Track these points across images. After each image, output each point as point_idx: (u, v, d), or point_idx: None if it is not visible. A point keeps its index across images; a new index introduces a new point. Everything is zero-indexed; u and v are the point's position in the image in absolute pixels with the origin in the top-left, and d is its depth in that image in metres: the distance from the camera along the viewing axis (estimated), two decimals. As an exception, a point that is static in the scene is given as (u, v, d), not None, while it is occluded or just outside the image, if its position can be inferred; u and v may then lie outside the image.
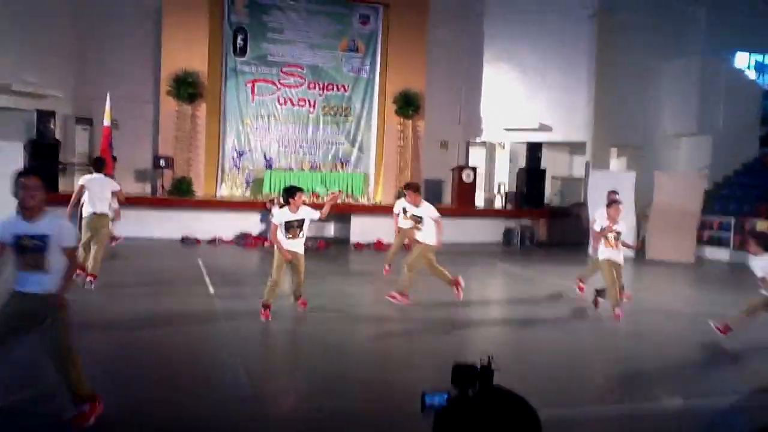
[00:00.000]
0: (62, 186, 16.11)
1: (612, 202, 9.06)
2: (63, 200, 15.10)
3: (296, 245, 7.70)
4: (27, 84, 15.84)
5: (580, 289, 9.79)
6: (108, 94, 15.66)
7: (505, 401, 1.42)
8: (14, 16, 15.48)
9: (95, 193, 9.49)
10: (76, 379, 4.25)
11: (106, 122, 15.71)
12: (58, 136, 16.09)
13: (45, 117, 15.59)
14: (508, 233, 17.60)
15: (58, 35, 16.69)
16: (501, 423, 1.35)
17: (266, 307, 7.48)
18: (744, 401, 5.37)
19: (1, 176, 11.87)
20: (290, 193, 7.77)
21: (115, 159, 16.06)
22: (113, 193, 9.83)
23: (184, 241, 15.01)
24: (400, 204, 10.91)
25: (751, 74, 21.90)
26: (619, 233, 8.63)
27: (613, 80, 18.26)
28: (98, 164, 10.35)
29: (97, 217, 9.32)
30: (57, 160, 15.68)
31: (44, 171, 14.77)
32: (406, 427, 4.50)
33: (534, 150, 18.22)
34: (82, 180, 9.90)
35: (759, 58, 22.37)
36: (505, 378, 2.10)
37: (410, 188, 8.97)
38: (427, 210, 8.61)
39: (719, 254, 15.81)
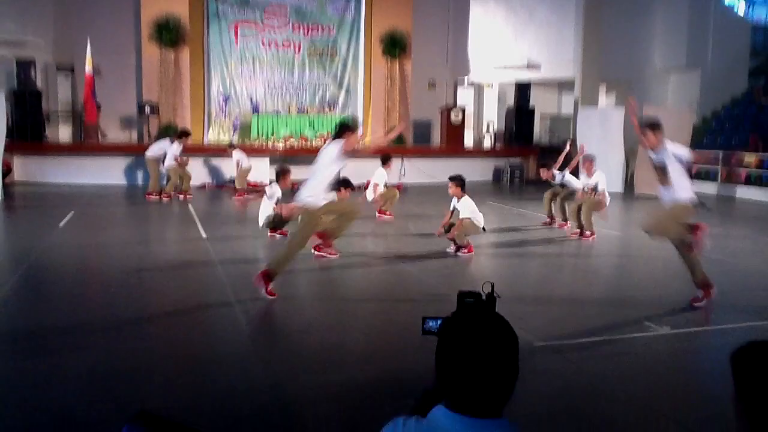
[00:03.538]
0: (48, 135, 15.98)
1: (585, 159, 9.64)
2: (51, 150, 15.14)
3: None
4: (5, 32, 15.49)
5: (561, 226, 10.33)
6: (89, 41, 15.34)
7: (492, 324, 1.52)
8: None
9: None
10: None
11: (88, 70, 15.45)
12: (39, 84, 15.80)
13: (25, 66, 15.28)
14: (497, 172, 17.65)
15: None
16: (484, 341, 1.45)
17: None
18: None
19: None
20: (281, 173, 9.11)
21: (99, 107, 15.88)
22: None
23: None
24: (381, 175, 11.20)
25: (741, 8, 21.67)
26: (594, 188, 9.37)
27: (601, 15, 17.99)
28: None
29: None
30: (40, 109, 15.44)
31: (29, 120, 14.79)
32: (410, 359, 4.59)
33: (522, 89, 18.11)
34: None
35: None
36: (504, 307, 2.16)
37: (453, 180, 8.46)
38: (467, 205, 8.24)
39: (707, 188, 15.92)
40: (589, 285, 7.17)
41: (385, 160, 11.38)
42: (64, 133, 17.07)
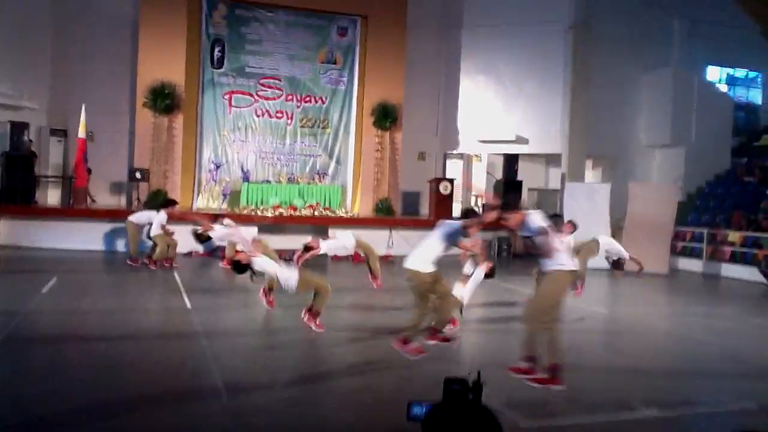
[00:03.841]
0: (38, 198, 15.95)
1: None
2: (39, 213, 15.09)
3: None
4: (1, 95, 15.67)
5: None
6: (83, 106, 15.53)
7: (478, 415, 1.51)
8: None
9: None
10: None
11: (81, 134, 15.57)
12: (33, 148, 15.88)
13: (19, 129, 15.36)
14: (485, 245, 17.68)
15: (33, 46, 16.58)
16: None
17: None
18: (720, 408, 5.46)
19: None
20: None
21: (89, 171, 15.93)
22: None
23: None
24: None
25: (723, 87, 22.34)
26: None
27: (589, 92, 18.48)
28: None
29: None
30: (32, 172, 15.46)
31: (19, 183, 14.79)
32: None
33: (511, 162, 18.37)
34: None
35: (730, 71, 22.85)
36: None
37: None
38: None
39: (692, 265, 16.03)
40: (577, 361, 7.11)
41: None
42: (53, 196, 17.06)
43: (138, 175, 16.26)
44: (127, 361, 6.39)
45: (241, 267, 7.86)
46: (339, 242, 10.63)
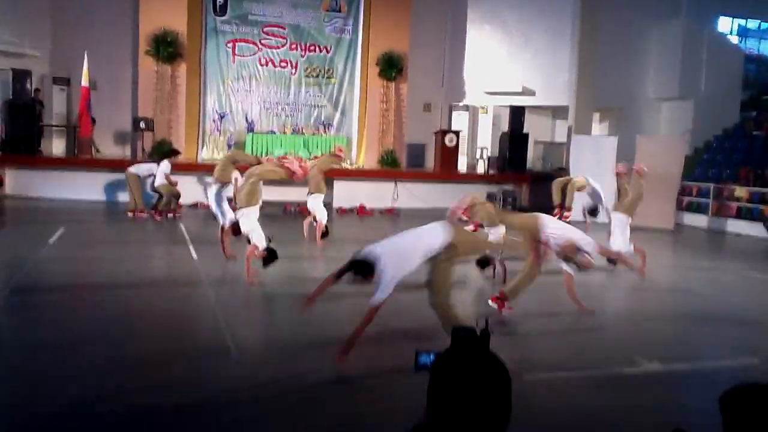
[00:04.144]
0: (42, 148, 15.90)
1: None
2: (43, 163, 15.05)
3: None
4: (2, 42, 15.47)
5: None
6: (86, 54, 15.34)
7: (487, 361, 1.53)
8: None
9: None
10: None
11: (84, 83, 15.42)
12: (35, 95, 15.75)
13: (21, 76, 15.18)
14: (490, 198, 17.64)
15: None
16: (480, 384, 1.47)
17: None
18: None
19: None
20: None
21: (93, 121, 15.84)
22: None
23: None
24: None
25: (734, 39, 21.95)
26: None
27: (596, 43, 18.19)
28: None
29: None
30: (35, 121, 15.33)
31: (22, 132, 14.70)
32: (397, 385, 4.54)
33: (517, 114, 18.16)
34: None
35: (742, 22, 22.41)
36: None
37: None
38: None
39: (698, 220, 15.99)
40: (580, 315, 7.17)
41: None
42: (57, 146, 17.01)
43: (142, 124, 16.14)
44: (136, 310, 6.46)
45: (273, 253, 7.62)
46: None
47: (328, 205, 15.72)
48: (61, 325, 5.83)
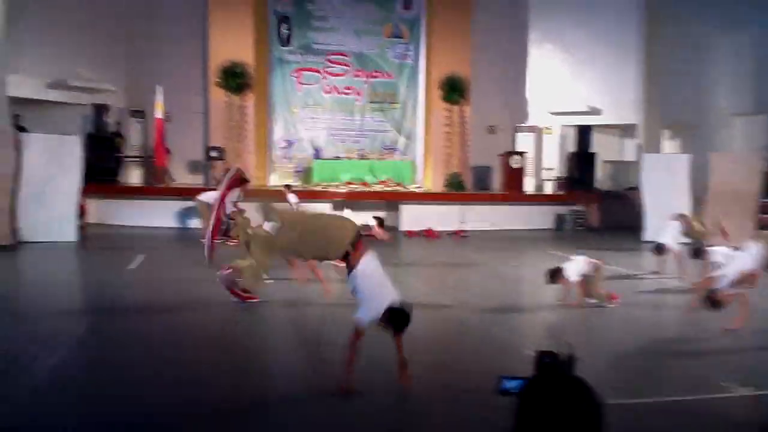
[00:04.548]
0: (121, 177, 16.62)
1: None
2: (122, 192, 15.73)
3: None
4: (82, 79, 16.29)
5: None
6: (160, 87, 15.98)
7: (579, 390, 1.52)
8: (68, 14, 15.96)
9: None
10: None
11: (159, 115, 16.06)
12: (114, 128, 16.51)
13: (100, 110, 15.97)
14: (559, 219, 17.39)
15: (109, 31, 17.14)
16: (571, 410, 1.46)
17: None
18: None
19: (62, 168, 12.65)
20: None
21: (168, 151, 16.45)
22: None
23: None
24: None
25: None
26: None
27: (663, 57, 17.76)
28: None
29: None
30: (116, 152, 16.06)
31: (104, 163, 15.37)
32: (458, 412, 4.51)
33: (583, 133, 17.92)
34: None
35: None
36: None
37: None
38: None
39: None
40: (658, 339, 6.96)
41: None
42: (135, 176, 17.74)
43: (214, 153, 16.65)
44: (211, 332, 6.65)
45: None
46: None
47: (394, 228, 15.83)
48: (147, 343, 6.06)
